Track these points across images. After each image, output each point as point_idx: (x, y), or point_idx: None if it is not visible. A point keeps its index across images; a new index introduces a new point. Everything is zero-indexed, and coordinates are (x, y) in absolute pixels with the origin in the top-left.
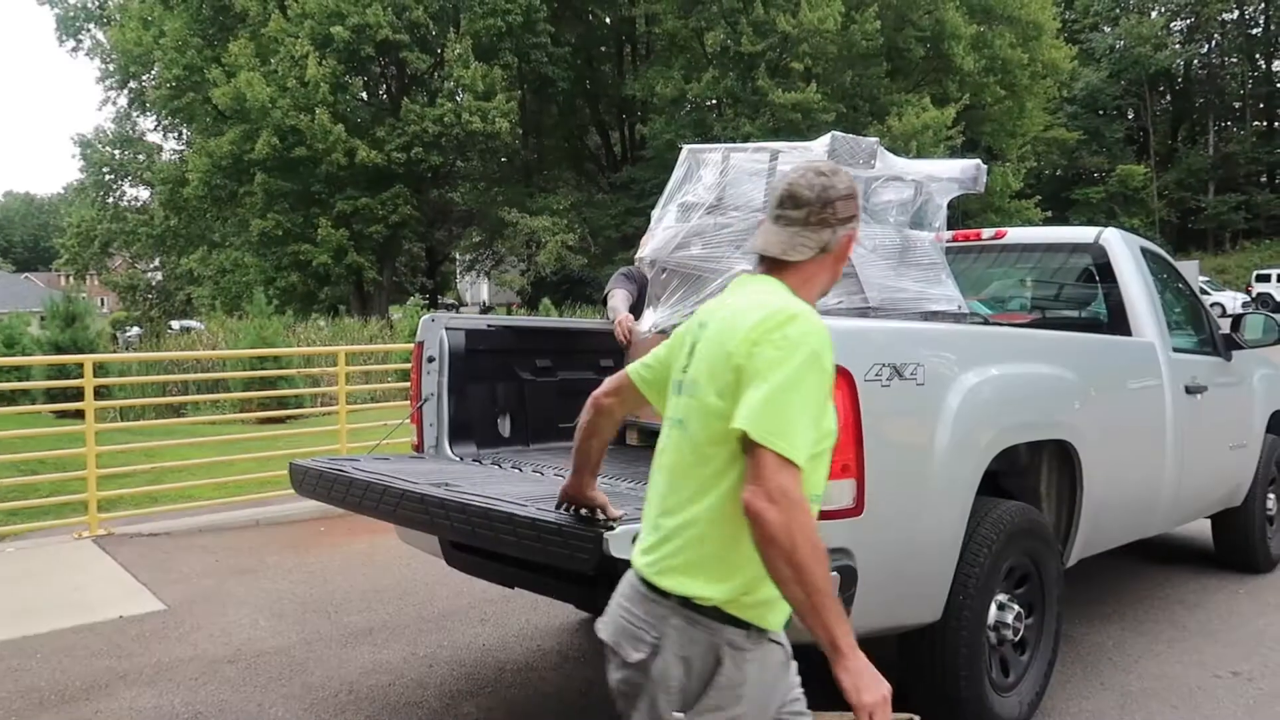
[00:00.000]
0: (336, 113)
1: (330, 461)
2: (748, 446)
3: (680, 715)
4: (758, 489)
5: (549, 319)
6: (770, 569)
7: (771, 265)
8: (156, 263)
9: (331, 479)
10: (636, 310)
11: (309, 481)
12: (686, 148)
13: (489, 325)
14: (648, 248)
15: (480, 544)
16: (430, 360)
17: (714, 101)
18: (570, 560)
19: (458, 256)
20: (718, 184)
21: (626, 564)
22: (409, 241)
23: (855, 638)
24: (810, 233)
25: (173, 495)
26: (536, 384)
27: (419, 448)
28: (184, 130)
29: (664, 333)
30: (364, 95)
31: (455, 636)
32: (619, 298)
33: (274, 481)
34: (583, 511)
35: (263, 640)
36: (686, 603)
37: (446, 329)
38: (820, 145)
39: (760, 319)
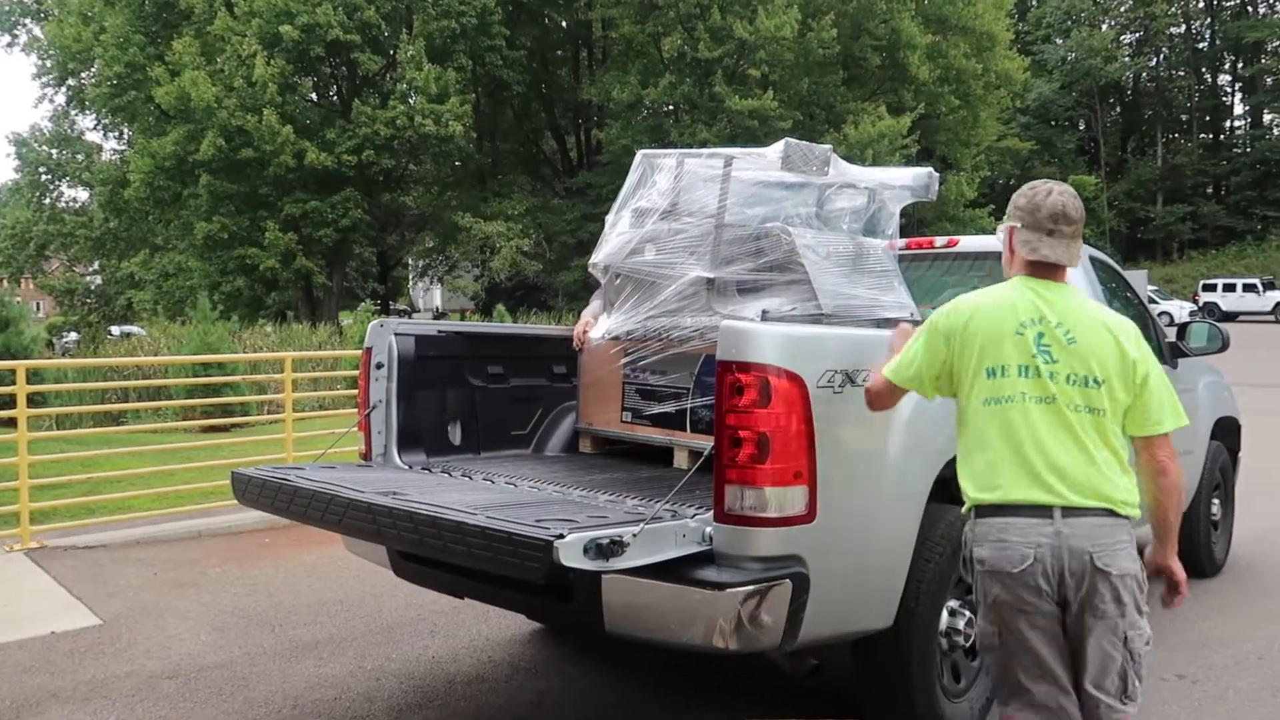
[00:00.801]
0: (285, 114)
1: (274, 470)
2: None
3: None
4: (1169, 454)
5: (501, 324)
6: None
7: (1048, 270)
8: (96, 266)
9: (275, 488)
10: None
11: (252, 491)
12: (641, 153)
13: (439, 331)
14: (601, 253)
15: (429, 554)
16: (379, 367)
17: (671, 107)
18: (520, 569)
19: (410, 261)
20: (672, 189)
21: (578, 572)
22: (360, 246)
23: (808, 646)
24: (1078, 244)
25: (110, 506)
26: (488, 391)
27: (367, 456)
28: (125, 130)
29: (616, 339)
30: (314, 96)
31: (404, 649)
32: (593, 307)
33: (217, 492)
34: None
35: (203, 655)
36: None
37: (395, 335)
38: (774, 152)
39: (1129, 328)
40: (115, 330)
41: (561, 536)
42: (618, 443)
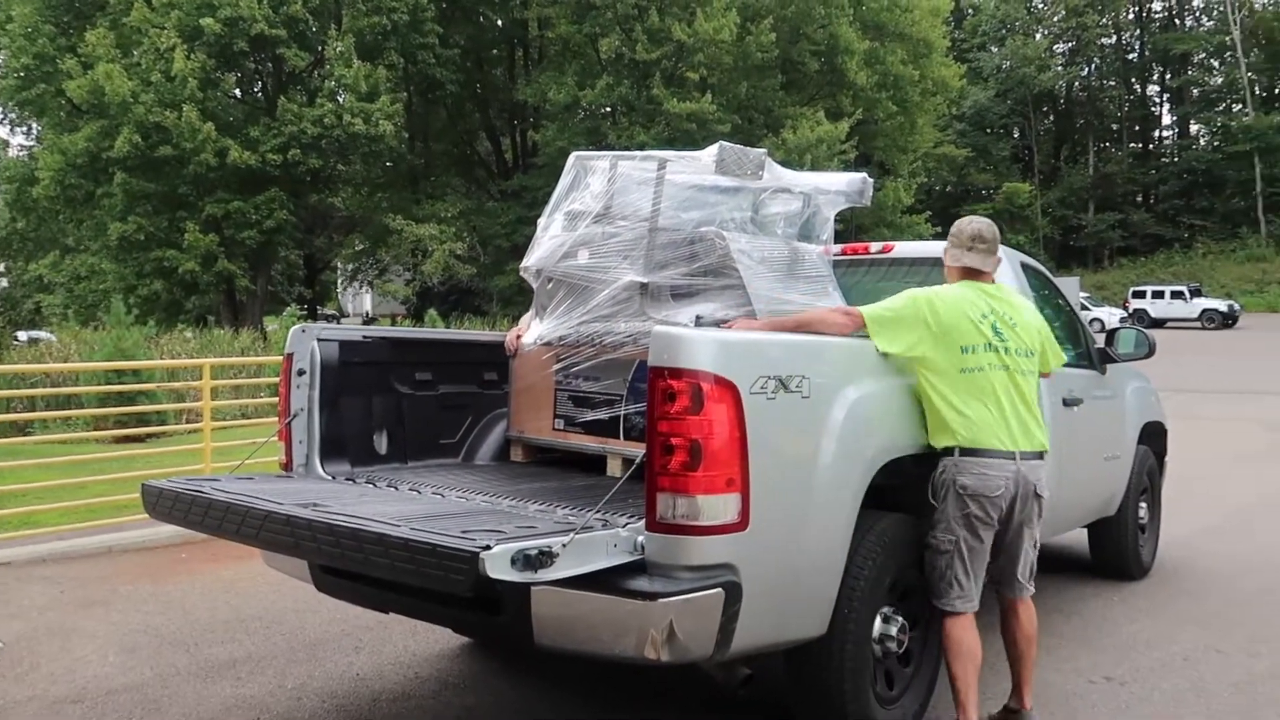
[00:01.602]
0: (206, 110)
1: (188, 482)
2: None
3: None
4: None
5: (429, 330)
6: None
7: (977, 274)
8: (1, 268)
9: (188, 501)
10: None
11: (163, 504)
12: (574, 155)
13: (364, 336)
14: (533, 257)
15: (350, 567)
16: (300, 373)
17: (608, 109)
18: (445, 582)
19: (339, 265)
20: (606, 192)
21: (506, 585)
22: (285, 248)
23: (741, 655)
24: (994, 256)
25: (14, 521)
26: (416, 398)
27: (287, 466)
28: (34, 125)
29: (548, 344)
30: (237, 93)
31: (327, 666)
32: (529, 314)
33: (130, 505)
34: None
35: (112, 678)
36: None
37: (318, 340)
38: (708, 155)
39: (1035, 309)
40: (22, 336)
41: (488, 548)
42: (550, 451)
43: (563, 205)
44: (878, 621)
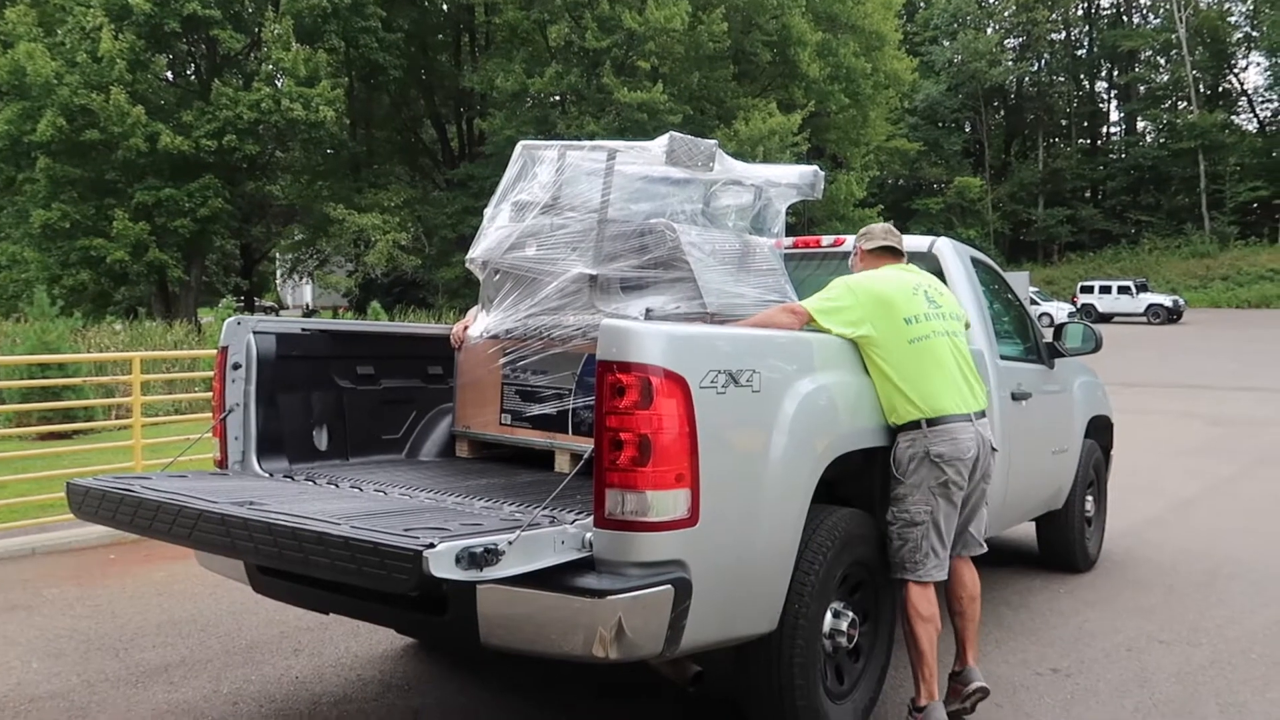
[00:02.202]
0: (136, 93)
1: (116, 480)
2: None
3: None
4: None
5: (371, 323)
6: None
7: (895, 255)
8: None
9: (116, 500)
10: None
11: (90, 503)
12: (521, 144)
13: (303, 329)
14: (479, 248)
15: (289, 567)
16: (235, 367)
17: (557, 98)
18: (388, 581)
19: (278, 256)
20: (554, 182)
21: (451, 583)
22: (221, 238)
23: (691, 652)
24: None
25: None
26: (357, 392)
27: (222, 464)
28: None
29: (495, 338)
30: (169, 75)
31: (264, 670)
32: (476, 308)
33: (55, 505)
34: None
35: (35, 684)
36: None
37: (254, 333)
38: (658, 145)
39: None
40: None
41: (432, 545)
42: (496, 446)
43: (510, 195)
44: (828, 617)
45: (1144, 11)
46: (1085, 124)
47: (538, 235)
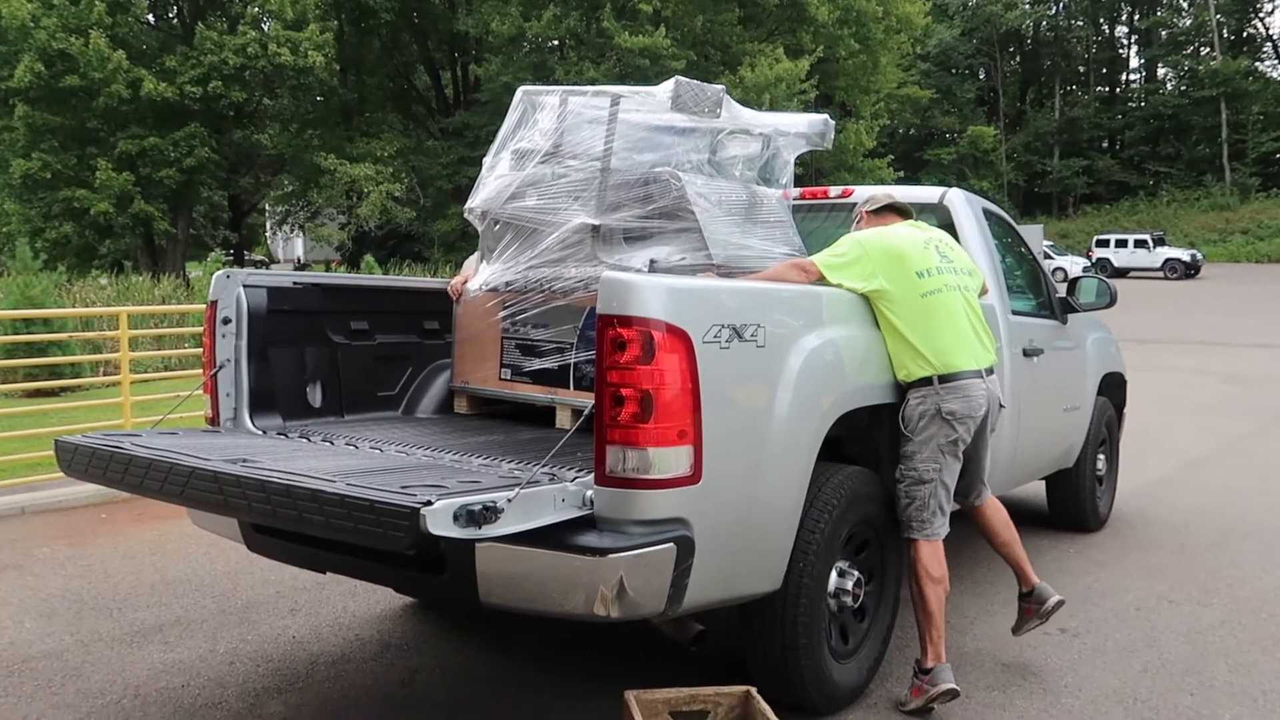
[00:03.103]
0: (116, 37)
1: (106, 437)
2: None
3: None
4: None
5: (364, 276)
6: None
7: (902, 213)
8: None
9: (106, 457)
10: None
11: (79, 461)
12: (522, 90)
13: (295, 283)
14: (478, 198)
15: (284, 525)
16: (226, 322)
17: (556, 42)
18: (385, 540)
19: (267, 208)
20: (555, 130)
21: (449, 542)
22: (208, 189)
23: (693, 611)
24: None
25: None
26: (351, 348)
27: (214, 421)
28: None
29: (494, 290)
30: (150, 18)
31: (260, 629)
32: (474, 257)
33: (44, 463)
34: None
35: (28, 644)
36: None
37: (244, 286)
38: (663, 90)
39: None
40: None
41: (429, 503)
42: (496, 402)
43: (509, 143)
44: (833, 576)
45: None
46: (1104, 71)
47: (538, 184)
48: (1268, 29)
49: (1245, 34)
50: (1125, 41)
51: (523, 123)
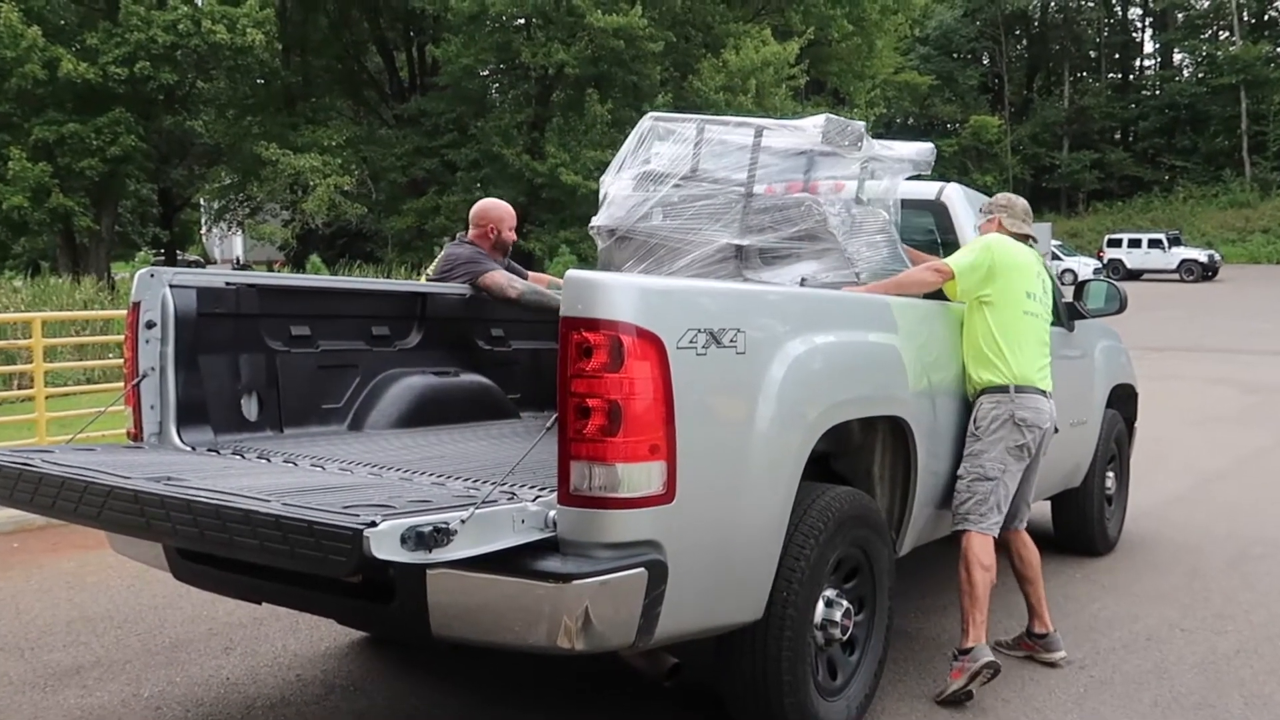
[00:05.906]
0: (30, 10)
1: (14, 454)
2: None
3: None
4: None
5: (306, 277)
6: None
7: (1026, 239)
8: None
9: (14, 475)
10: None
11: None
12: (650, 116)
13: (227, 283)
14: (604, 215)
15: (213, 550)
16: (150, 326)
17: (521, 21)
18: (325, 565)
19: (202, 202)
20: (691, 156)
21: (398, 567)
22: (136, 181)
23: (667, 643)
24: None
25: None
26: (291, 356)
27: (136, 436)
28: None
29: None
30: None
31: (191, 670)
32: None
33: None
34: None
35: None
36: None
37: (171, 286)
38: (813, 125)
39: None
40: None
41: (374, 524)
42: None
43: (629, 165)
44: (820, 605)
45: None
46: (1116, 56)
47: (670, 206)
48: None
49: (1267, 17)
50: (1139, 25)
51: (642, 145)
